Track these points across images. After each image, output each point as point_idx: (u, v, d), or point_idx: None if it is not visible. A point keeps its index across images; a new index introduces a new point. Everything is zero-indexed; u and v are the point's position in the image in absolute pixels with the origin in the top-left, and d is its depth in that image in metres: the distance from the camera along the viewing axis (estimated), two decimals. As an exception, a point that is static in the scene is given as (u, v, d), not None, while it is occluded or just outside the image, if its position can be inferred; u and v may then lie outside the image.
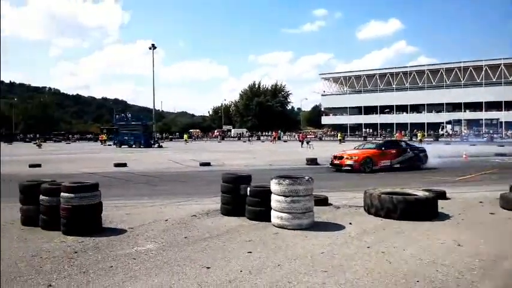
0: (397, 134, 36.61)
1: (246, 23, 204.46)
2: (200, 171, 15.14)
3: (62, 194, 5.45)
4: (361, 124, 74.59)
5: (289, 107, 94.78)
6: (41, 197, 5.70)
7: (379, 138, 57.91)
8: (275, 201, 5.73)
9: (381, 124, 70.91)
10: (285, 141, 56.02)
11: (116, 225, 5.94)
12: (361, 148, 15.81)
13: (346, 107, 77.32)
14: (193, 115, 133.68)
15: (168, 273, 3.90)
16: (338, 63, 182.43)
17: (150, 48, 48.14)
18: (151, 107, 53.27)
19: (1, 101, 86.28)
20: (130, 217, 6.52)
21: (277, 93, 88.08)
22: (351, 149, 15.91)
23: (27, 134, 70.83)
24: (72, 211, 5.40)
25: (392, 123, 68.54)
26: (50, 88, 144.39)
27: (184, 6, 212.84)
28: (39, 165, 16.28)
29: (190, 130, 74.71)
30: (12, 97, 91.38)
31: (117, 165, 16.47)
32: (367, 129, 70.54)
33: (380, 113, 72.81)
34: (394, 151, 14.92)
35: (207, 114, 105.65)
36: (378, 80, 73.97)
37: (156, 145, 38.99)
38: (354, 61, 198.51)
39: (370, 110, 74.27)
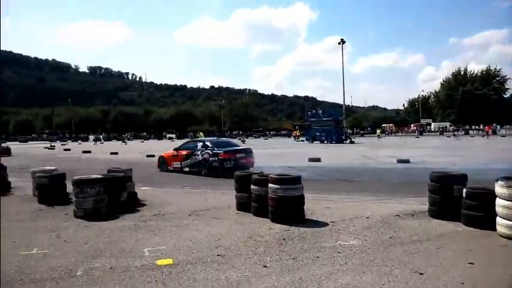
0: None
1: (444, 2, 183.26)
2: (398, 169, 14.38)
3: (269, 184, 6.07)
4: None
5: (506, 94, 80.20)
6: (252, 186, 6.49)
7: None
8: (502, 206, 4.89)
9: None
10: (502, 135, 47.56)
11: (317, 217, 6.22)
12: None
13: None
14: (385, 109, 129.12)
15: (376, 272, 3.82)
16: None
17: (339, 43, 48.49)
18: (340, 102, 53.96)
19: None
20: (330, 211, 6.71)
21: (490, 80, 75.68)
22: None
23: (233, 131, 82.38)
24: (278, 201, 5.95)
25: None
26: (249, 89, 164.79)
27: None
28: (244, 158, 18.64)
29: (383, 125, 72.04)
30: (221, 99, 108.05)
31: (311, 159, 17.31)
32: None
33: None
34: (185, 153, 14.14)
35: (401, 108, 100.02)
36: None
37: (348, 141, 39.16)
38: None
39: None
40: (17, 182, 10.36)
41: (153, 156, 22.28)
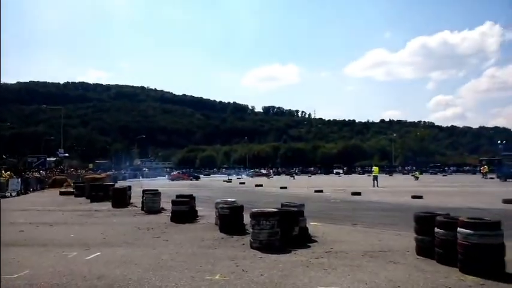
0: None
1: None
2: None
3: (459, 229, 5.32)
4: None
5: None
6: (436, 229, 5.80)
7: None
8: None
9: None
10: None
11: (524, 273, 5.11)
12: None
13: None
14: None
15: None
16: None
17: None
18: (546, 131, 44.87)
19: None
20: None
21: None
22: None
23: (405, 166, 77.18)
24: (470, 249, 5.15)
25: None
26: (424, 122, 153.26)
27: None
28: (420, 197, 17.11)
29: None
30: (391, 133, 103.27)
31: (507, 201, 14.70)
32: None
33: None
34: None
35: None
36: None
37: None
38: None
39: None
40: (202, 211, 11.80)
41: (321, 191, 22.56)
